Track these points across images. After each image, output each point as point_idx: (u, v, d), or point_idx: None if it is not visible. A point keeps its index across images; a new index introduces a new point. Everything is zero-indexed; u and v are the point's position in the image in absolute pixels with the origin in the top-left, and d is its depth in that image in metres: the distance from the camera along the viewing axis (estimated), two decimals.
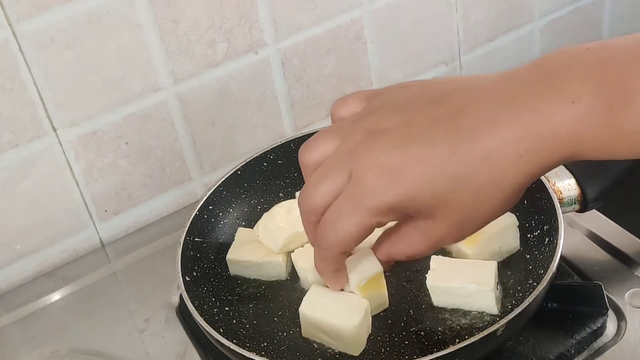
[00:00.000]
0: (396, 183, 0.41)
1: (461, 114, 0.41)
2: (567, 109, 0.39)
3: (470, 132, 0.41)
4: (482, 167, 0.40)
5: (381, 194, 0.41)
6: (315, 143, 0.45)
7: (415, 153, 0.41)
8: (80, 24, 0.74)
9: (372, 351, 0.63)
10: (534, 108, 0.40)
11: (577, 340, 0.63)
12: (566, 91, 0.39)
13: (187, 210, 0.78)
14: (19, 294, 0.81)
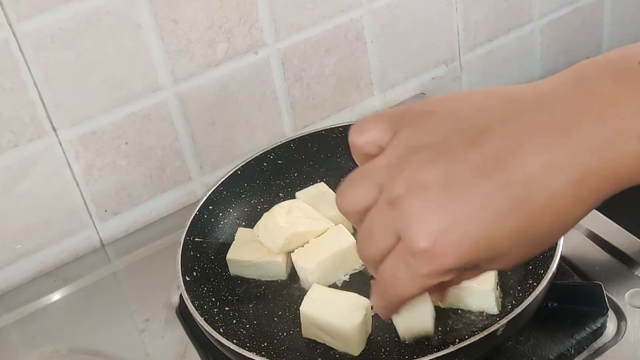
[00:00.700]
0: (454, 247, 0.38)
1: (508, 161, 0.38)
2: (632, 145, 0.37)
3: (523, 182, 0.37)
4: (543, 217, 0.38)
5: (437, 259, 0.38)
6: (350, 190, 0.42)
7: (467, 208, 0.38)
8: (80, 24, 0.74)
9: (372, 351, 0.63)
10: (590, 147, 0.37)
11: (577, 340, 0.63)
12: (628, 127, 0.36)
13: (187, 210, 0.78)
14: (19, 294, 0.81)
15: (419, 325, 0.61)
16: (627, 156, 0.37)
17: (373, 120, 0.43)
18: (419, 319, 0.60)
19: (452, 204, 0.38)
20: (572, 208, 0.38)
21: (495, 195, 0.37)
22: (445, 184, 0.38)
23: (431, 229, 0.38)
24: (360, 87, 0.96)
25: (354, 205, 0.42)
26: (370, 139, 0.43)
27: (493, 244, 0.38)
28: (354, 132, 0.43)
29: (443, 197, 0.38)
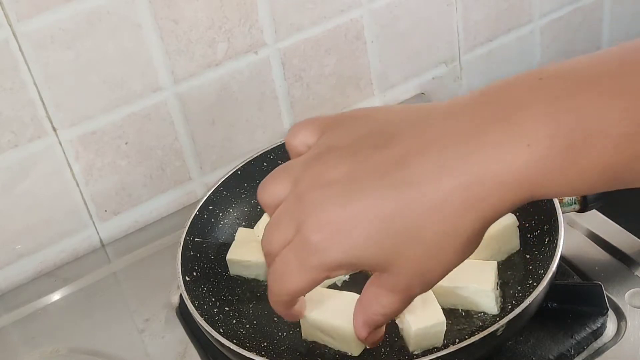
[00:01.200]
0: (342, 241, 0.39)
1: (406, 163, 0.39)
2: (521, 152, 0.36)
3: (416, 183, 0.38)
4: (431, 219, 0.38)
5: (327, 252, 0.40)
6: (270, 183, 0.44)
7: (360, 208, 0.39)
8: (80, 24, 0.74)
9: (372, 351, 0.63)
10: (484, 153, 0.37)
11: (577, 340, 0.63)
12: (520, 133, 0.37)
13: (187, 210, 0.78)
14: (19, 294, 0.81)
15: (431, 340, 0.61)
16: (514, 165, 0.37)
17: (306, 123, 0.46)
18: (432, 335, 0.60)
19: (349, 202, 0.39)
20: (460, 215, 0.38)
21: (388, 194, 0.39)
22: (347, 182, 0.40)
23: (324, 223, 0.39)
24: (360, 87, 0.96)
25: (270, 198, 0.44)
26: (301, 140, 0.45)
27: (383, 243, 0.39)
28: (290, 134, 0.46)
29: (342, 195, 0.40)
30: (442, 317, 0.60)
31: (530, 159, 0.36)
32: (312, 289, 0.43)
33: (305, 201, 0.41)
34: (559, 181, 0.37)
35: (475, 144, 0.38)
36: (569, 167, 0.36)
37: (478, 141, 0.38)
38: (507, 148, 0.37)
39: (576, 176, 0.37)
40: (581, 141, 0.36)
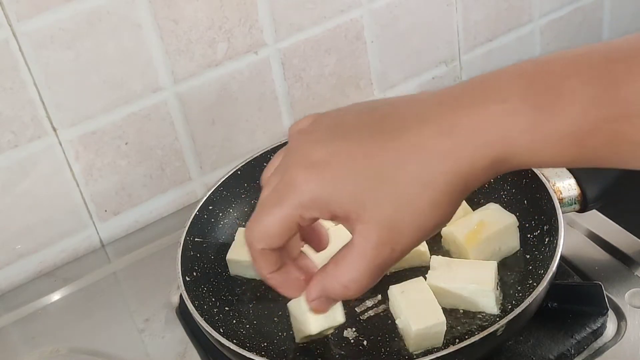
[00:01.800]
0: (318, 176, 0.40)
1: (389, 117, 0.41)
2: (496, 107, 0.38)
3: (396, 130, 0.40)
4: (407, 162, 0.39)
5: (302, 186, 0.40)
6: (268, 165, 0.47)
7: (339, 147, 0.40)
8: (80, 24, 0.74)
9: (372, 351, 0.63)
10: (463, 107, 0.39)
11: (577, 340, 0.63)
12: (496, 93, 0.38)
13: (187, 210, 0.78)
14: (19, 294, 0.81)
15: (431, 340, 0.61)
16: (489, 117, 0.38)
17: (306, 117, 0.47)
18: (432, 335, 0.61)
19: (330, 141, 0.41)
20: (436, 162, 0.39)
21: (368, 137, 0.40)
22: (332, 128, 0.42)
23: (304, 160, 0.41)
24: (360, 87, 0.96)
25: (266, 173, 0.47)
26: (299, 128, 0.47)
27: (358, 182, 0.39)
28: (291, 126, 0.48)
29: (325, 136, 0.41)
30: (442, 317, 0.60)
31: (504, 114, 0.38)
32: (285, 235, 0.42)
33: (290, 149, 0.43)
34: (530, 142, 0.38)
35: (454, 103, 0.39)
36: (539, 128, 0.37)
37: (456, 101, 0.39)
38: (484, 105, 0.38)
39: (546, 139, 0.37)
40: (552, 103, 0.37)
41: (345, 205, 0.40)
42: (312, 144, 0.42)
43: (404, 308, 0.61)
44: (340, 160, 0.40)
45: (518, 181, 0.72)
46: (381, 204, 0.39)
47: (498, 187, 0.74)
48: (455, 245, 0.68)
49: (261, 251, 0.43)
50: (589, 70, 0.37)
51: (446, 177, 0.39)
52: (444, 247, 0.71)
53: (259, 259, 0.44)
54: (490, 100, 0.38)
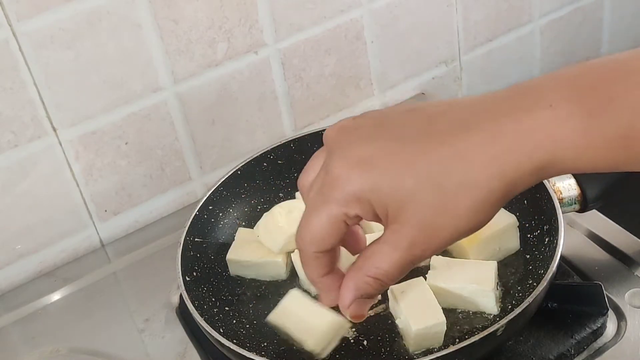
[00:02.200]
0: (362, 172, 0.40)
1: (435, 119, 0.41)
2: (544, 113, 0.38)
3: (444, 133, 0.40)
4: (452, 168, 0.39)
5: (346, 182, 0.40)
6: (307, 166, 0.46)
7: (384, 146, 0.40)
8: (80, 24, 0.74)
9: (372, 351, 0.63)
10: (511, 113, 0.39)
11: (577, 340, 0.63)
12: (543, 99, 0.38)
13: (187, 210, 0.78)
14: (19, 294, 0.81)
15: (431, 340, 0.61)
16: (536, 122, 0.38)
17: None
18: (432, 335, 0.61)
19: (375, 140, 0.41)
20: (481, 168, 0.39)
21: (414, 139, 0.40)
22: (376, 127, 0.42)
23: (348, 157, 0.41)
24: (360, 87, 0.96)
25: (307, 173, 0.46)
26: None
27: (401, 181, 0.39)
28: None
29: (369, 135, 0.41)
30: (442, 317, 0.60)
31: (553, 119, 0.38)
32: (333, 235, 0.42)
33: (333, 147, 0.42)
34: (580, 146, 0.38)
35: (501, 110, 0.39)
36: (590, 128, 0.37)
37: (504, 107, 0.39)
38: (532, 111, 0.38)
39: (597, 142, 0.37)
40: (602, 107, 0.37)
41: (389, 202, 0.40)
42: (355, 142, 0.41)
43: (404, 308, 0.61)
44: (384, 159, 0.40)
45: None
46: (422, 207, 0.39)
47: None
48: (455, 245, 0.68)
49: (314, 255, 0.43)
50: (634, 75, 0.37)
51: (490, 184, 0.39)
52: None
53: (312, 262, 0.44)
54: (537, 105, 0.38)
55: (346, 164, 0.41)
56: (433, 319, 0.60)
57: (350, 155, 0.41)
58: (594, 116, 0.37)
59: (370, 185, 0.40)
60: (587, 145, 0.38)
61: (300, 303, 0.65)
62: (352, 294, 0.44)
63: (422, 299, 0.62)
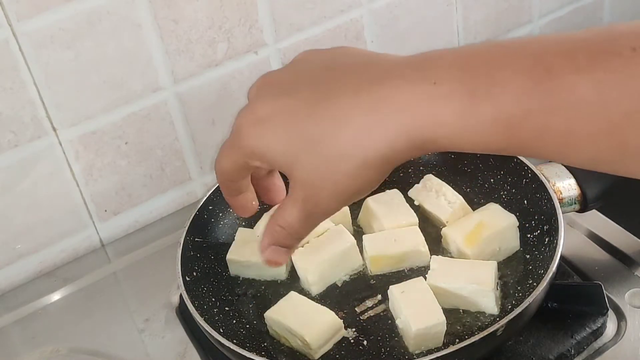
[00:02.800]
0: (259, 132, 0.45)
1: (336, 80, 0.43)
2: (427, 88, 0.39)
3: (332, 97, 0.42)
4: (334, 132, 0.41)
5: (246, 137, 0.45)
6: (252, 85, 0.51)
7: (282, 106, 0.44)
8: (80, 24, 0.74)
9: (372, 351, 0.63)
10: (395, 86, 0.40)
11: (577, 340, 0.63)
12: (431, 73, 0.39)
13: (187, 210, 0.78)
14: (19, 294, 0.81)
15: (431, 340, 0.61)
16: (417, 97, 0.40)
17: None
18: (432, 335, 0.61)
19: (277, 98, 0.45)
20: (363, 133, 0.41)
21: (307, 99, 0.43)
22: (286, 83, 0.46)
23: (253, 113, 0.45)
24: None
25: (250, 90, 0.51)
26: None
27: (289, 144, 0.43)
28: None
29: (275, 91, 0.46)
30: (442, 317, 0.60)
31: (434, 96, 0.39)
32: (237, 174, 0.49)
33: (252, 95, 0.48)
34: (458, 124, 0.39)
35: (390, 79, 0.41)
36: (469, 110, 0.38)
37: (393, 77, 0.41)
38: (414, 84, 0.40)
39: (474, 121, 0.38)
40: (484, 90, 0.38)
41: (279, 162, 0.44)
42: (263, 98, 0.46)
43: (404, 308, 0.61)
44: (279, 120, 0.44)
45: (518, 181, 0.72)
46: (305, 168, 0.43)
47: (498, 187, 0.74)
48: (455, 245, 0.68)
49: (224, 183, 0.50)
50: (524, 60, 0.38)
51: (366, 153, 0.41)
52: (444, 247, 0.71)
53: (224, 187, 0.51)
54: (424, 79, 0.39)
55: (249, 120, 0.45)
56: (433, 319, 0.60)
57: (254, 112, 0.45)
58: (474, 98, 0.38)
59: (263, 145, 0.44)
60: (464, 127, 0.39)
61: (300, 301, 0.65)
62: (267, 239, 0.49)
63: (422, 299, 0.62)
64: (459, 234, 0.68)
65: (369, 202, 0.73)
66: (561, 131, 0.37)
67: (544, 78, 0.36)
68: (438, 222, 0.72)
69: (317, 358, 0.62)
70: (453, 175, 0.77)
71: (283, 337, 0.64)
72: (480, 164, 0.76)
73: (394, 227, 0.70)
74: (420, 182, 0.75)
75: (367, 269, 0.70)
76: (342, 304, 0.67)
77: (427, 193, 0.74)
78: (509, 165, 0.72)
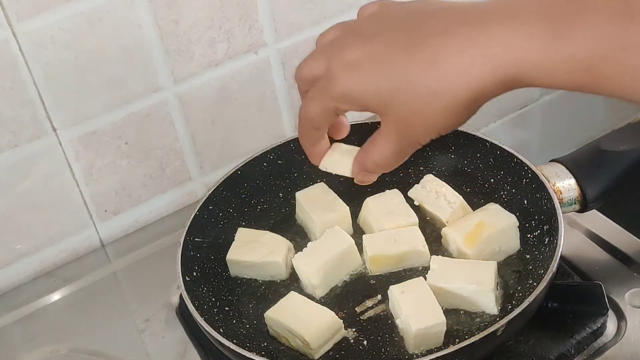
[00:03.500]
0: (351, 76, 0.47)
1: (425, 24, 0.46)
2: (514, 28, 0.41)
3: (424, 40, 0.45)
4: (423, 73, 0.44)
5: (338, 83, 0.47)
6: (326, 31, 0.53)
7: (374, 50, 0.46)
8: (80, 24, 0.74)
9: (372, 351, 0.63)
10: (485, 26, 0.43)
11: (577, 340, 0.63)
12: (519, 13, 0.42)
13: (187, 210, 0.78)
14: (19, 294, 0.81)
15: (431, 340, 0.61)
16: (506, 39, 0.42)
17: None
18: (432, 335, 0.61)
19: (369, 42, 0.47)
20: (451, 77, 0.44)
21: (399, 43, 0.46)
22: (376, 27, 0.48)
23: (344, 58, 0.47)
24: None
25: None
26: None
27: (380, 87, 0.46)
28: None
29: (366, 35, 0.48)
30: (442, 317, 0.60)
31: (521, 35, 0.41)
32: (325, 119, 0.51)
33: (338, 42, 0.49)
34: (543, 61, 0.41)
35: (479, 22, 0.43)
36: (554, 48, 0.41)
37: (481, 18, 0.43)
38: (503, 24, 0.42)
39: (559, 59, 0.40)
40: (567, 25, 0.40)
41: (372, 103, 0.47)
42: (352, 45, 0.48)
43: (404, 308, 0.61)
44: (372, 62, 0.46)
45: (518, 181, 0.72)
46: (399, 106, 0.46)
47: (498, 187, 0.74)
48: (455, 245, 0.68)
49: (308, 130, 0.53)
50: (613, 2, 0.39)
51: (455, 92, 0.44)
52: (444, 247, 0.71)
53: (306, 134, 0.54)
54: (509, 19, 0.42)
55: (341, 65, 0.47)
56: (433, 319, 0.60)
57: (346, 57, 0.47)
58: (558, 38, 0.40)
59: (357, 87, 0.47)
60: (549, 65, 0.41)
61: (300, 301, 0.65)
62: (358, 167, 0.54)
63: (422, 299, 0.62)
64: (459, 234, 0.68)
65: (369, 202, 0.73)
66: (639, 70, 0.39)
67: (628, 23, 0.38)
68: (438, 222, 0.72)
69: (317, 358, 0.62)
70: (453, 175, 0.77)
71: (283, 337, 0.64)
72: (480, 164, 0.76)
73: (394, 227, 0.70)
74: (420, 182, 0.75)
75: (367, 269, 0.70)
76: (342, 304, 0.67)
77: (427, 193, 0.74)
78: (509, 165, 0.72)
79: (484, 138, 0.75)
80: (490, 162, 0.75)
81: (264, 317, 0.65)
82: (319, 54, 0.51)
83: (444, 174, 0.77)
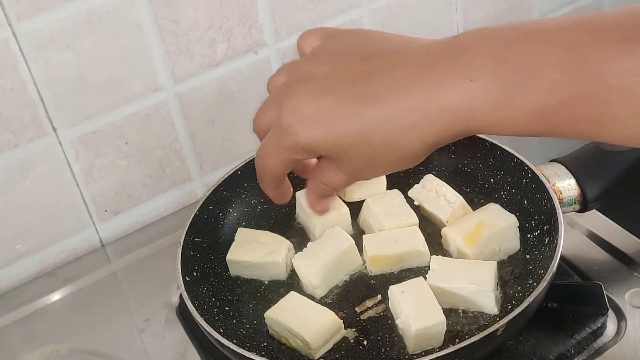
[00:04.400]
0: (308, 129, 0.48)
1: (377, 77, 0.46)
2: (464, 86, 0.42)
3: (378, 96, 0.46)
4: (379, 129, 0.45)
5: (296, 136, 0.48)
6: (275, 74, 0.54)
7: (328, 105, 0.47)
8: (80, 24, 0.74)
9: (372, 351, 0.63)
10: (436, 82, 0.44)
11: (577, 340, 0.63)
12: (468, 69, 0.43)
13: (187, 210, 0.78)
14: (19, 294, 0.81)
15: (431, 340, 0.61)
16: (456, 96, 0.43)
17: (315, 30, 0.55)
18: (432, 335, 0.61)
19: (322, 97, 0.47)
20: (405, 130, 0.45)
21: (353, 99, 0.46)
22: (326, 81, 0.48)
23: (298, 111, 0.48)
24: None
25: (272, 83, 0.54)
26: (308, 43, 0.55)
27: (337, 139, 0.47)
28: (300, 36, 0.55)
29: (318, 90, 0.48)
30: (442, 317, 0.60)
31: (472, 92, 0.42)
32: (284, 170, 0.53)
33: (288, 91, 0.50)
34: (495, 116, 0.42)
35: (431, 75, 0.44)
36: (504, 104, 0.42)
37: (434, 73, 0.44)
38: (453, 81, 0.43)
39: (510, 113, 0.42)
40: (518, 83, 0.41)
41: (330, 152, 0.49)
42: (306, 97, 0.48)
43: (404, 308, 0.61)
44: (328, 118, 0.47)
45: (518, 181, 0.72)
46: (356, 156, 0.48)
47: (498, 187, 0.74)
48: (455, 245, 0.68)
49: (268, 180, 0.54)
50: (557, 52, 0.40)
51: (412, 146, 0.46)
52: (444, 247, 0.71)
53: (267, 184, 0.55)
54: (462, 75, 0.43)
55: (296, 119, 0.48)
56: (433, 319, 0.60)
57: (300, 110, 0.48)
58: (509, 93, 0.41)
59: (314, 140, 0.48)
60: (501, 118, 0.42)
61: (300, 301, 0.65)
62: (313, 195, 0.56)
63: (422, 299, 0.62)
64: (459, 234, 0.68)
65: (369, 202, 0.73)
66: (593, 117, 0.40)
67: (576, 70, 0.39)
68: (438, 222, 0.72)
69: (317, 358, 0.62)
70: (453, 175, 0.77)
71: (283, 337, 0.64)
72: (480, 164, 0.76)
73: (394, 227, 0.70)
74: (420, 182, 0.75)
75: (367, 269, 0.70)
76: (342, 304, 0.67)
77: (427, 193, 0.74)
78: (509, 165, 0.72)
79: (484, 138, 0.75)
80: (490, 162, 0.75)
81: (264, 317, 0.65)
82: (271, 103, 0.52)
83: (444, 174, 0.77)
